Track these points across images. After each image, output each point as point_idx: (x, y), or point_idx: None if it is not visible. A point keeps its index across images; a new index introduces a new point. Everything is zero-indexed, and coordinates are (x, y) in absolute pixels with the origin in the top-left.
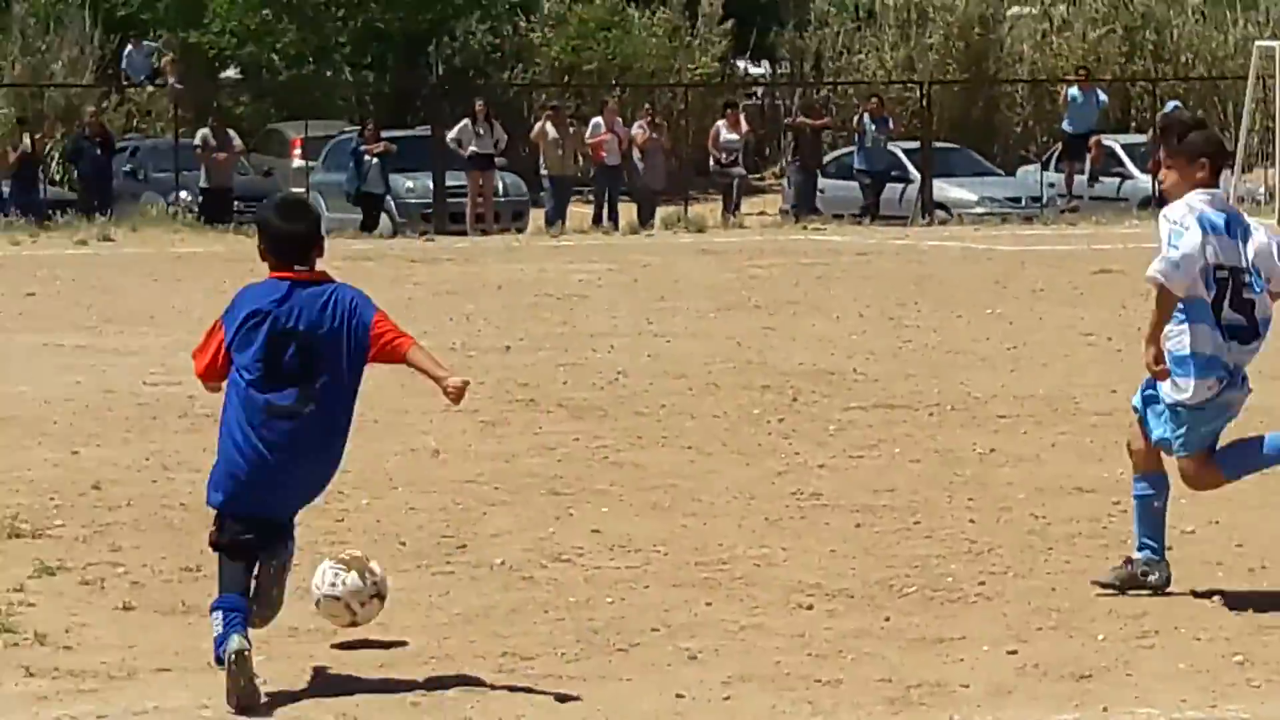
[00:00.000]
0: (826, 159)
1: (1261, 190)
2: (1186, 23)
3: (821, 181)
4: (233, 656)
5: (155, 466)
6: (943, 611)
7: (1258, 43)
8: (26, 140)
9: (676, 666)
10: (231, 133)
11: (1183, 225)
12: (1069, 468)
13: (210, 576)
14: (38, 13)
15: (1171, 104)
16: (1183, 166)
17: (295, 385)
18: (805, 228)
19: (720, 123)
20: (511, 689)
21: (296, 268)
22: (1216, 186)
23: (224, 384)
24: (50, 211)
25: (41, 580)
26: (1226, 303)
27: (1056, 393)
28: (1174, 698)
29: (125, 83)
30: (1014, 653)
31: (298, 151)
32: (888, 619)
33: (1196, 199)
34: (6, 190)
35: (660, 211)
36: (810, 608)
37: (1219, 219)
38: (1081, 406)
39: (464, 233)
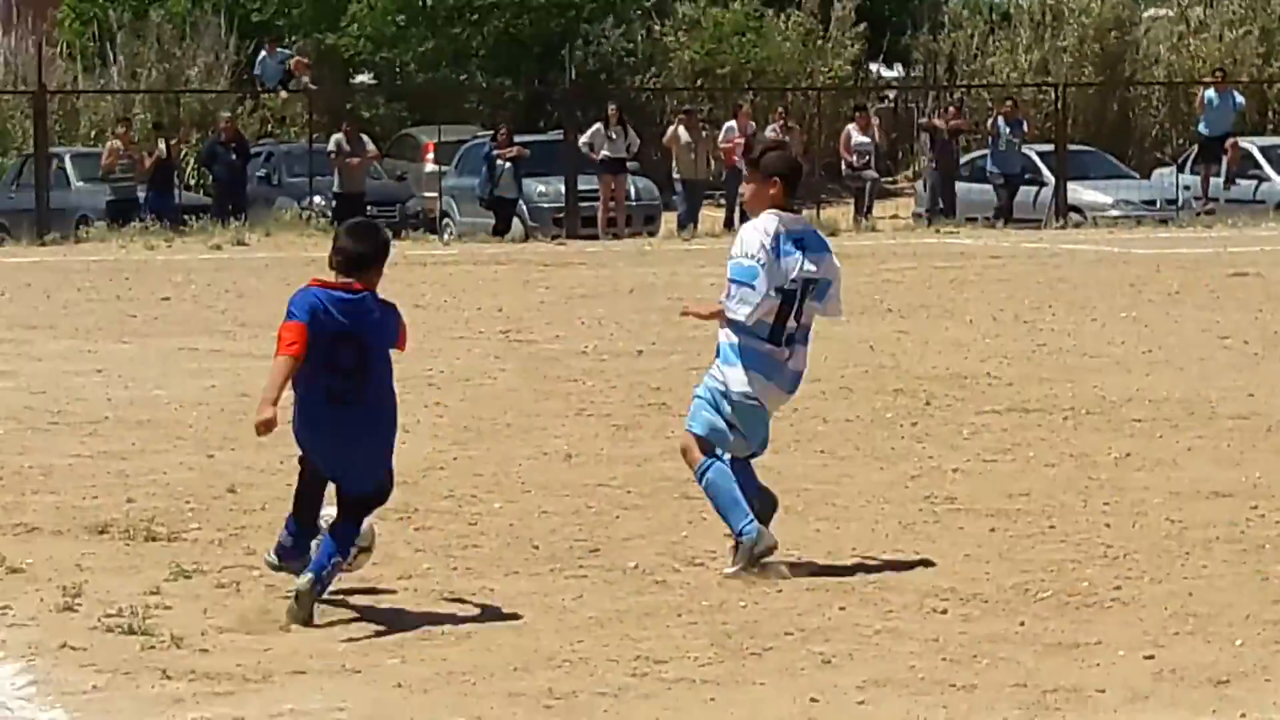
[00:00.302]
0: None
1: None
2: None
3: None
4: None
5: (290, 470)
6: (1078, 616)
7: None
8: (162, 146)
9: (810, 670)
10: (365, 138)
11: None
12: (1205, 471)
13: (341, 583)
14: (174, 19)
15: None
16: None
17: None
18: (938, 231)
19: (850, 125)
20: (644, 694)
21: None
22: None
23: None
24: (185, 216)
25: (178, 583)
26: None
27: (1192, 396)
28: None
29: (259, 88)
30: (1150, 658)
31: (430, 156)
32: (1023, 623)
33: None
34: (142, 195)
35: None
36: (945, 612)
37: None
38: (1218, 410)
39: (596, 236)
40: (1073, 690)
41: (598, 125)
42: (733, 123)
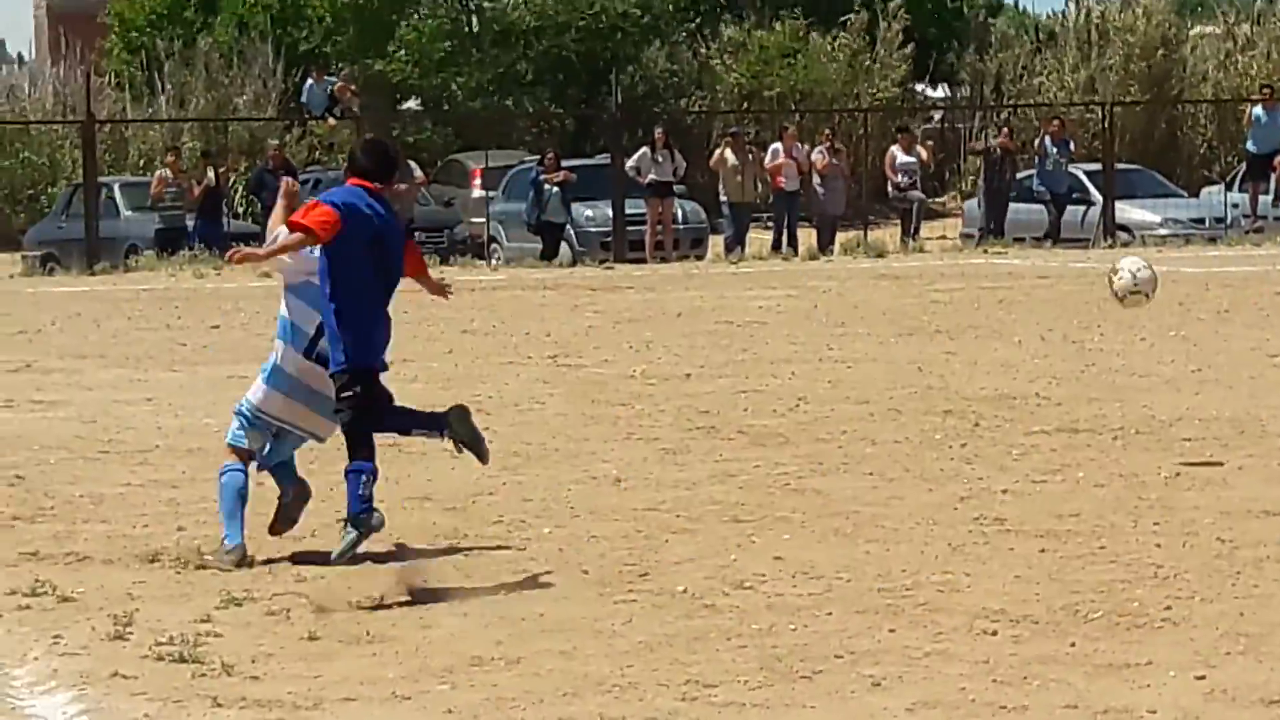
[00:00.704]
0: None
1: None
2: None
3: None
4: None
5: (338, 497)
6: (1129, 637)
7: None
8: (211, 174)
9: (860, 693)
10: (412, 164)
11: None
12: (1255, 490)
13: (392, 608)
14: (222, 48)
15: None
16: None
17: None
18: (986, 251)
19: (895, 146)
20: (694, 718)
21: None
22: None
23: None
24: (234, 244)
25: (228, 611)
26: None
27: (1242, 415)
28: None
29: (307, 116)
30: (1202, 678)
31: (478, 181)
32: (1073, 644)
33: None
34: (191, 224)
35: (840, 237)
36: (995, 633)
37: None
38: (1268, 429)
39: (643, 260)
40: (1124, 711)
41: (644, 149)
42: (779, 145)
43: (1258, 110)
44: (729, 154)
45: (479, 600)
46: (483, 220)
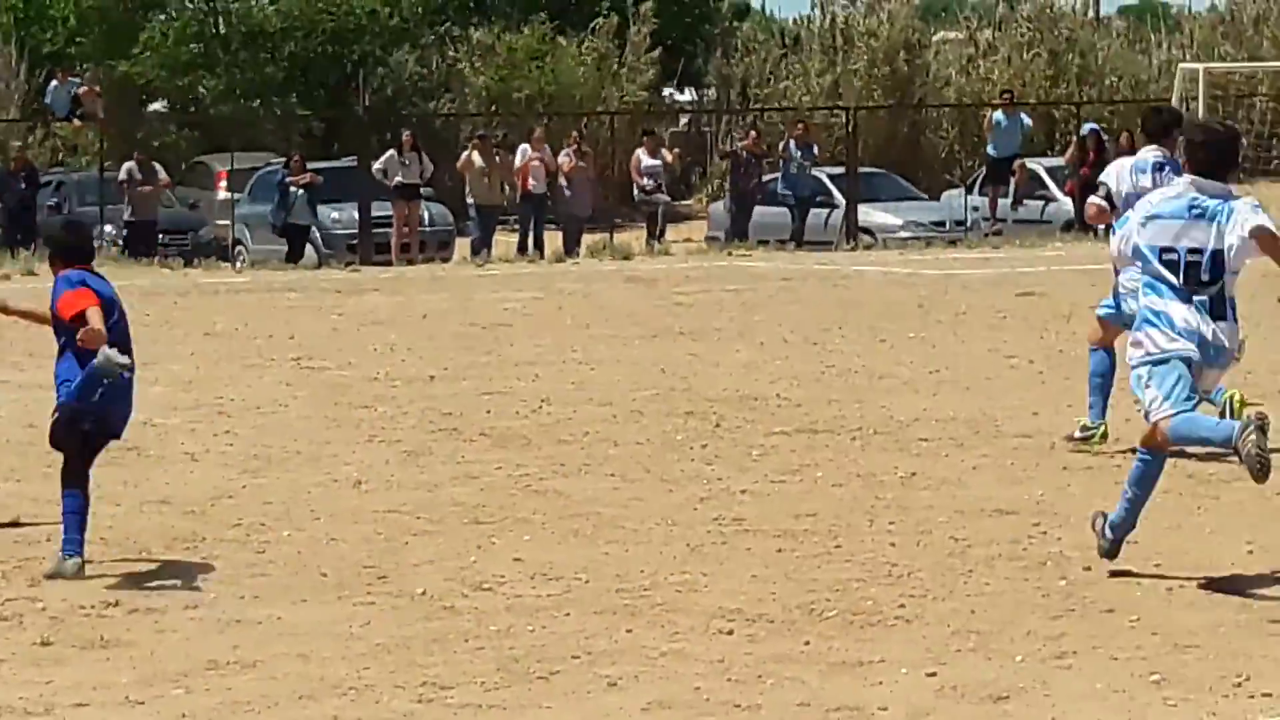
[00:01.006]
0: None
1: None
2: (1111, 46)
3: None
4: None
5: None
6: (862, 635)
7: (1181, 65)
8: None
9: (597, 694)
10: (157, 166)
11: None
12: (990, 490)
13: (128, 612)
14: None
15: (1089, 125)
16: None
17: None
18: (730, 254)
19: (640, 150)
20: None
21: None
22: None
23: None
24: None
25: None
26: None
27: (978, 416)
28: (1091, 718)
29: (50, 118)
30: (933, 675)
31: (223, 184)
32: (808, 643)
33: None
34: None
35: (586, 239)
36: (731, 633)
37: None
38: (1003, 429)
39: (389, 263)
40: (856, 709)
41: (391, 151)
42: (527, 147)
43: (998, 115)
44: (476, 157)
45: (216, 604)
46: (228, 223)
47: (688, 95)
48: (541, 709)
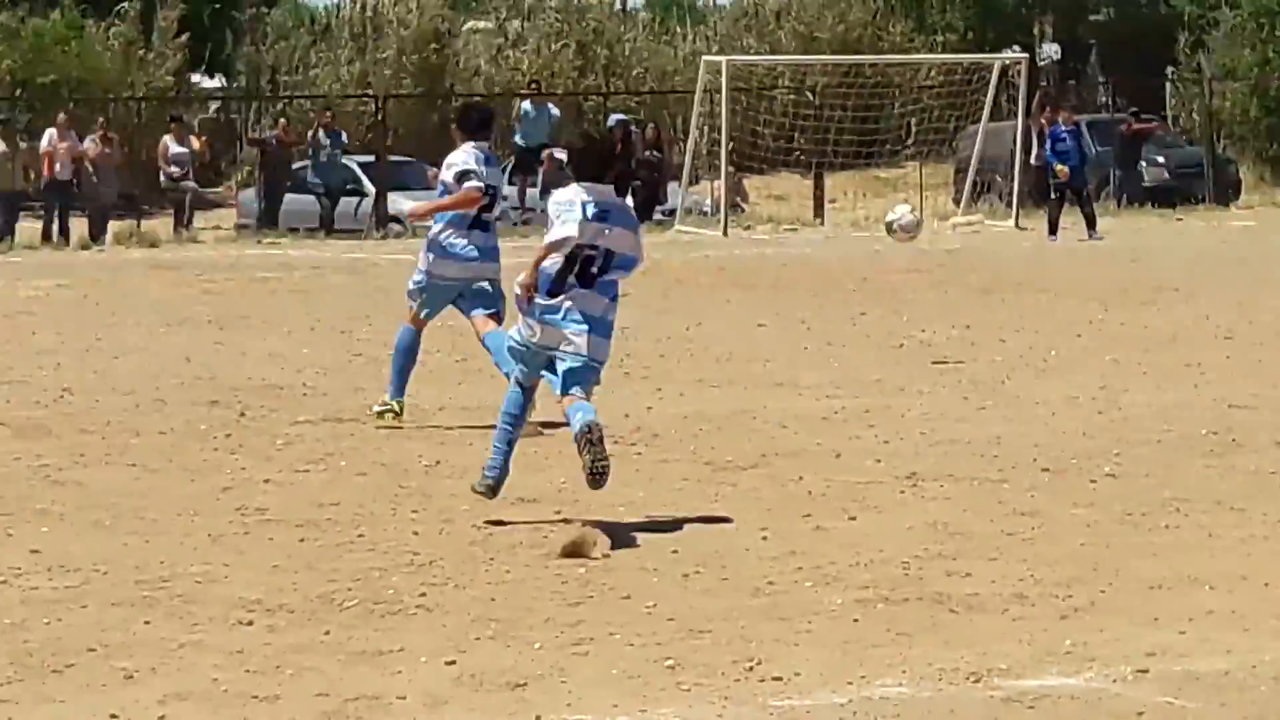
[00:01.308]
0: None
1: (708, 202)
2: (638, 37)
3: None
4: None
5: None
6: (383, 624)
7: (705, 57)
8: None
9: (112, 687)
10: None
11: None
12: (512, 478)
13: None
14: None
15: (615, 117)
16: None
17: None
18: (260, 242)
19: (167, 136)
20: None
21: None
22: None
23: None
24: None
25: None
26: None
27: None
28: (606, 703)
29: None
30: (452, 663)
31: None
32: (328, 633)
33: None
34: None
35: (113, 226)
36: (250, 623)
37: None
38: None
39: None
40: (374, 698)
41: None
42: (52, 132)
43: (526, 105)
44: None
45: None
46: None
47: (217, 82)
48: (55, 703)
